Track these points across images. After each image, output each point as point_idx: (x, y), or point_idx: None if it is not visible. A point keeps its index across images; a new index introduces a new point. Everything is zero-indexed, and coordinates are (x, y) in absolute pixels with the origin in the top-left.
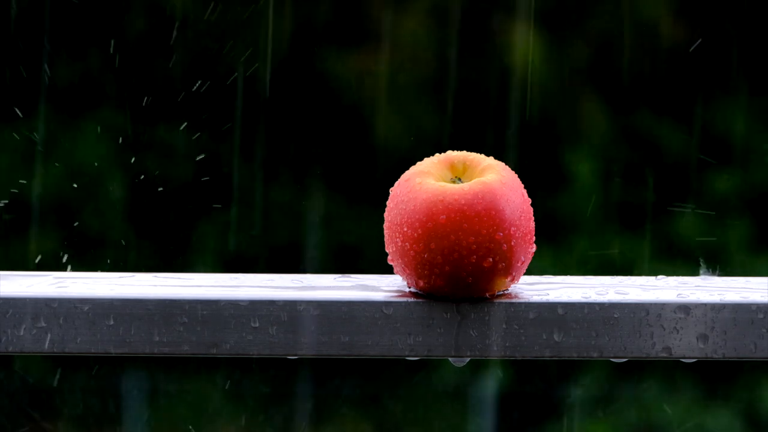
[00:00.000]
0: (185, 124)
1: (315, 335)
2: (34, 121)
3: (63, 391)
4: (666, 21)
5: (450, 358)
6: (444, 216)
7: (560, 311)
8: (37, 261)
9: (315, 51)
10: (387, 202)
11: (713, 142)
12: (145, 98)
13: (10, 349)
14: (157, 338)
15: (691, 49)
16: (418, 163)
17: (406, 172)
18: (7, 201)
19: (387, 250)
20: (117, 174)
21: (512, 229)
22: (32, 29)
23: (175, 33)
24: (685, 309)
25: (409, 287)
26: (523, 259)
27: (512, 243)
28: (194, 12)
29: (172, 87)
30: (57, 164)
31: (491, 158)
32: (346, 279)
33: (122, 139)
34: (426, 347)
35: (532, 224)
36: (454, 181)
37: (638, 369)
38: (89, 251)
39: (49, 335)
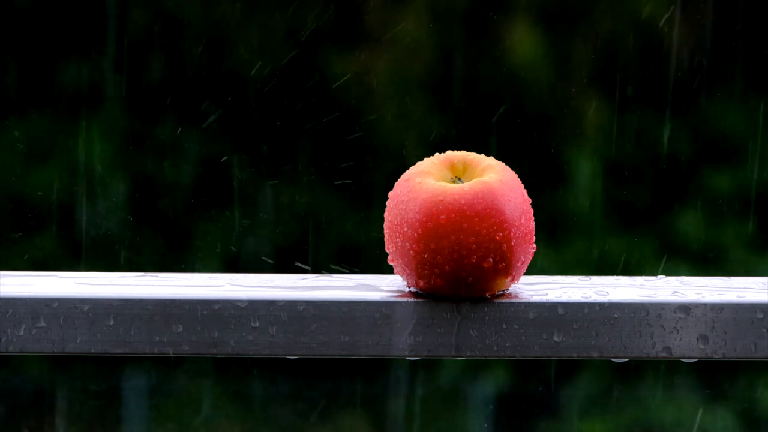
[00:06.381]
0: (186, 124)
1: (315, 335)
2: (35, 121)
3: (63, 391)
4: (667, 20)
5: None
6: (444, 216)
7: (560, 311)
8: (37, 261)
9: (315, 51)
10: (387, 202)
11: (714, 141)
12: (146, 99)
13: (10, 349)
14: (157, 338)
15: (692, 47)
16: (418, 163)
17: (406, 172)
18: (7, 201)
19: (387, 250)
20: (117, 174)
21: (512, 229)
22: (34, 29)
23: (176, 33)
24: (685, 309)
25: (409, 287)
26: (523, 259)
27: (512, 243)
28: (195, 12)
29: (173, 87)
30: (57, 164)
31: (491, 158)
32: (346, 279)
33: (122, 139)
34: (426, 347)
35: (532, 224)
36: (454, 181)
37: (638, 369)
38: (89, 251)
39: (49, 335)
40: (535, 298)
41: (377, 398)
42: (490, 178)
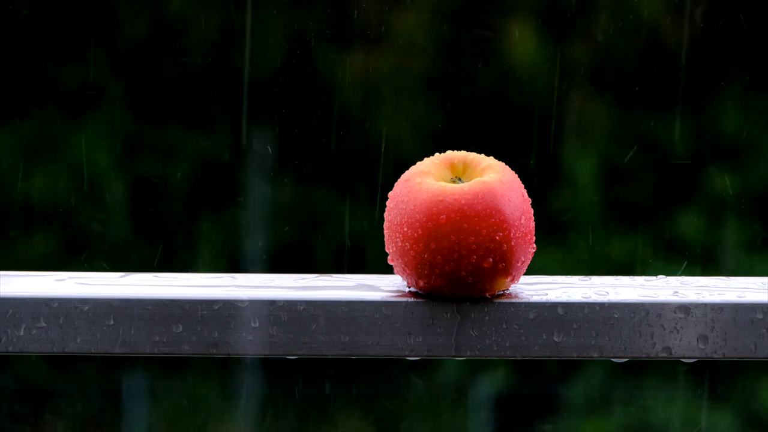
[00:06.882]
0: (186, 124)
1: (315, 335)
2: (35, 121)
3: (63, 391)
4: (666, 19)
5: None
6: (444, 216)
7: (560, 311)
8: (37, 261)
9: (315, 51)
10: (387, 202)
11: (714, 141)
12: (146, 99)
13: (10, 349)
14: (157, 338)
15: (691, 48)
16: (418, 163)
17: (406, 172)
18: (7, 201)
19: (387, 250)
20: (117, 174)
21: (512, 229)
22: (35, 30)
23: (175, 34)
24: (685, 309)
25: (409, 287)
26: (523, 259)
27: (512, 243)
28: (195, 13)
29: (173, 87)
30: (57, 164)
31: (491, 158)
32: (346, 279)
33: (123, 139)
34: (426, 347)
35: (532, 224)
36: (454, 181)
37: (638, 369)
38: (89, 251)
39: (49, 335)
40: (535, 298)
41: (377, 398)
42: (490, 178)
